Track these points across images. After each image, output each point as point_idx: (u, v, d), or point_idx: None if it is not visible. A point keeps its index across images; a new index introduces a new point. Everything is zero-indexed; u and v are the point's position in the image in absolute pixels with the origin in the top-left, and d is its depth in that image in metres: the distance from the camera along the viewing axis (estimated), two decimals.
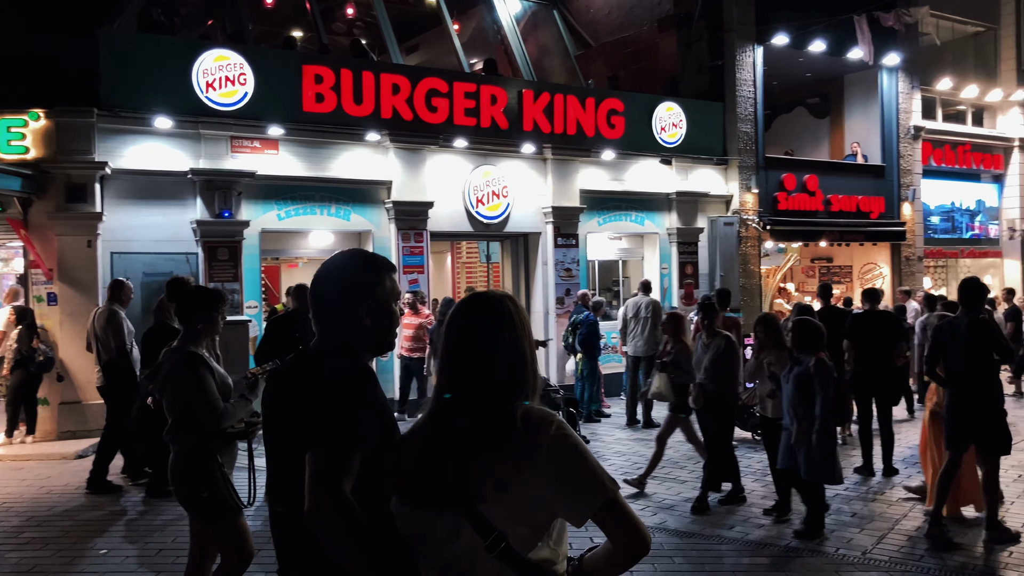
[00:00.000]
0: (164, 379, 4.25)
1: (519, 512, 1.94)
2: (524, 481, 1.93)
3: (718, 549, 6.16)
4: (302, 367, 2.33)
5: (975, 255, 19.87)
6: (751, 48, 15.38)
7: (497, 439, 1.96)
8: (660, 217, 14.78)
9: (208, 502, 4.11)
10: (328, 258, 2.43)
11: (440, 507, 1.96)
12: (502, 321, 2.05)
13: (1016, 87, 19.37)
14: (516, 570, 1.92)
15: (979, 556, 5.97)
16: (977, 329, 6.20)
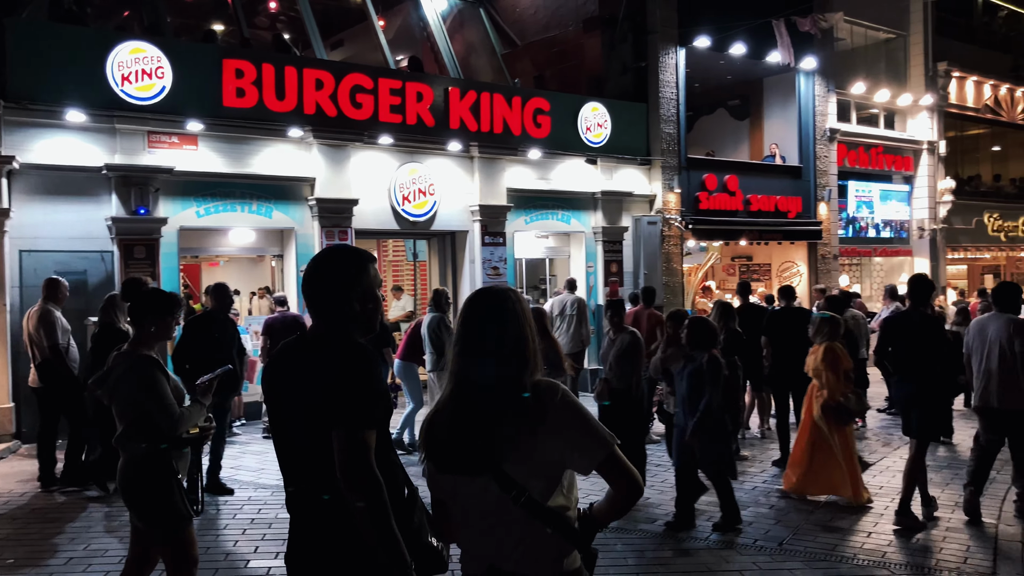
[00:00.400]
0: (116, 384, 4.09)
1: (536, 468, 2.31)
2: (539, 441, 2.29)
3: (640, 543, 6.25)
4: (307, 353, 2.59)
5: (887, 254, 20.61)
6: (674, 50, 15.65)
7: (514, 408, 2.30)
8: (586, 216, 14.92)
9: (161, 511, 4.02)
10: (316, 254, 2.76)
11: (472, 471, 2.31)
12: (505, 308, 2.41)
13: (925, 92, 20.14)
14: (538, 517, 2.29)
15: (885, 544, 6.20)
16: (927, 323, 6.69)
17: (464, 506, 2.40)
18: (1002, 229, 22.60)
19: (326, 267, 2.66)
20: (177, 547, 4.10)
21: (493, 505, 2.31)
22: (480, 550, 2.42)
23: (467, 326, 2.43)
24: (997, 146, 24.30)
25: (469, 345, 2.41)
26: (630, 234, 15.19)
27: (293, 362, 2.61)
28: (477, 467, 2.31)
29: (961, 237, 21.51)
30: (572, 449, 2.33)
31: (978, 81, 21.44)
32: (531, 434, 2.29)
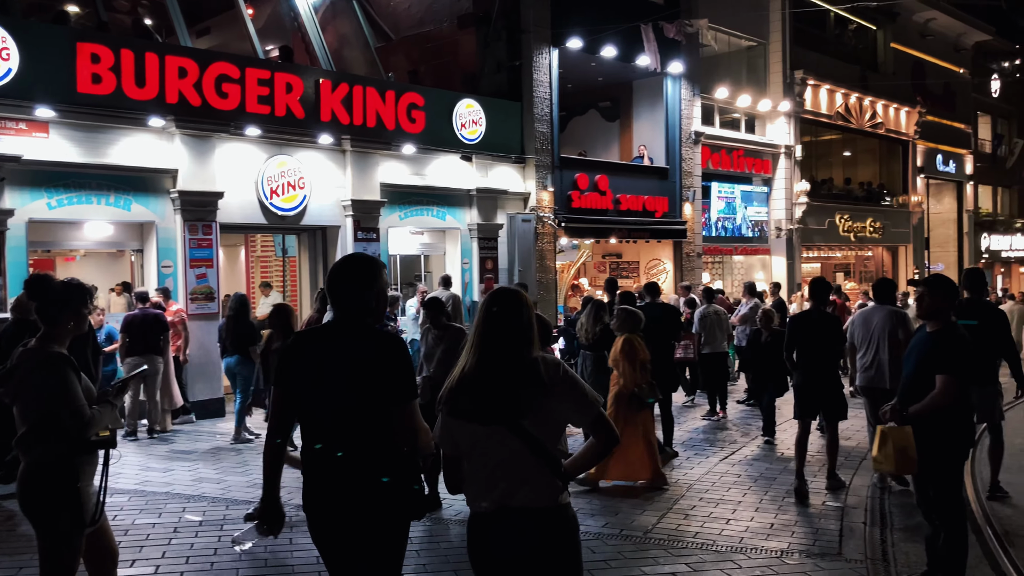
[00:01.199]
0: (21, 382, 3.82)
1: (546, 424, 2.96)
2: (549, 403, 2.94)
3: None
4: (340, 339, 3.25)
5: (747, 252, 21.59)
6: (547, 50, 15.87)
7: (530, 378, 2.93)
8: (461, 213, 14.95)
9: (59, 520, 3.79)
10: (339, 260, 3.46)
11: (495, 422, 2.91)
12: (520, 303, 3.07)
13: (783, 98, 21.20)
14: (547, 462, 2.93)
15: (742, 530, 6.50)
16: (826, 320, 7.66)
17: (482, 455, 2.99)
18: (852, 230, 24.06)
19: (350, 270, 3.35)
20: (62, 557, 3.86)
21: (508, 453, 2.92)
22: (491, 492, 2.97)
23: (491, 314, 3.06)
24: (848, 151, 25.89)
25: (494, 328, 3.03)
26: (505, 231, 15.33)
27: (327, 346, 3.26)
28: (499, 418, 2.92)
29: (815, 237, 22.77)
30: (574, 411, 3.02)
31: (831, 89, 22.73)
32: (545, 399, 2.93)
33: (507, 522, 2.95)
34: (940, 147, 28.08)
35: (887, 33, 25.83)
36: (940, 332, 5.04)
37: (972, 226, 30.29)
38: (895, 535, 6.36)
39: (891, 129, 25.37)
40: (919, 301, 5.23)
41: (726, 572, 5.52)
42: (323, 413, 3.21)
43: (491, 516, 2.99)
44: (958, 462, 5.12)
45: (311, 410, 3.25)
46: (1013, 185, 34.63)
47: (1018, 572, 5.50)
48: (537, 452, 2.91)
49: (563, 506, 3.00)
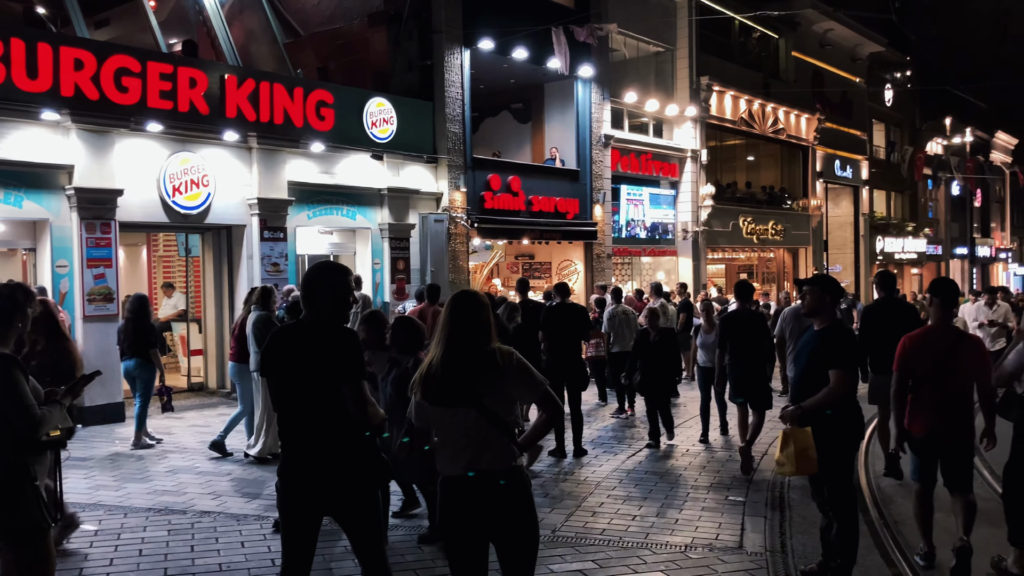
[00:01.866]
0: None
1: (502, 402, 3.57)
2: (504, 385, 3.55)
3: (399, 546, 6.26)
4: (310, 333, 3.86)
5: (655, 253, 22.03)
6: (459, 50, 15.86)
7: (488, 366, 3.53)
8: (372, 212, 14.80)
9: (18, 521, 3.78)
10: (313, 267, 4.03)
11: (461, 404, 3.51)
12: (479, 304, 3.65)
13: (689, 103, 21.70)
14: (503, 431, 3.53)
15: (648, 526, 6.62)
16: (754, 319, 8.79)
17: (450, 429, 3.58)
18: (755, 232, 24.81)
19: (322, 276, 3.93)
20: (33, 561, 3.85)
21: (473, 426, 3.51)
22: (461, 457, 3.55)
23: (457, 313, 3.61)
24: (751, 156, 26.68)
25: (457, 325, 3.59)
26: (417, 231, 15.24)
27: (302, 339, 3.86)
28: (464, 402, 3.51)
29: (720, 239, 23.39)
30: (525, 390, 3.65)
31: (735, 96, 23.38)
32: (501, 381, 3.54)
33: (475, 482, 3.54)
34: (838, 153, 29.23)
35: (788, 42, 26.74)
36: (828, 329, 5.26)
37: (868, 229, 31.64)
38: (793, 527, 6.58)
39: (792, 135, 26.27)
40: (803, 299, 5.45)
41: (631, 567, 5.62)
42: (304, 394, 3.81)
43: (460, 478, 3.57)
44: (850, 455, 5.34)
45: (295, 393, 3.83)
46: (905, 190, 36.33)
47: (906, 560, 5.77)
48: (496, 424, 3.52)
49: (518, 467, 3.61)
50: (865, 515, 6.75)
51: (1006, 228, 48.19)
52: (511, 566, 3.59)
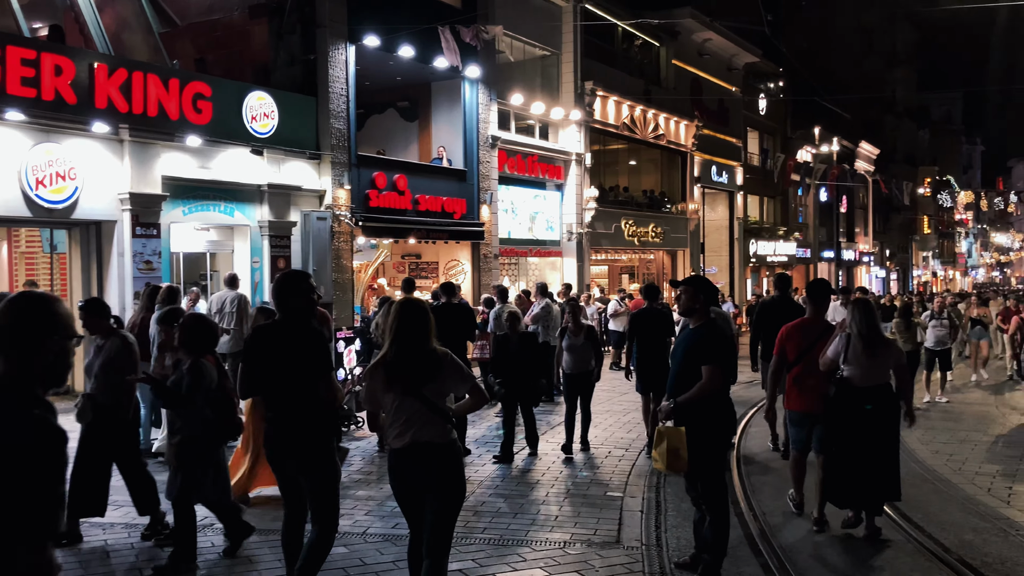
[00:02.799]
0: None
1: (440, 391, 4.38)
2: (442, 378, 4.37)
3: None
4: (286, 331, 4.66)
5: (541, 254, 22.30)
6: (344, 46, 15.62)
7: (430, 362, 4.34)
8: (251, 209, 14.40)
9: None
10: (281, 274, 4.84)
11: (408, 393, 4.31)
12: (424, 310, 4.43)
13: (574, 107, 22.07)
14: (440, 415, 4.35)
15: (528, 523, 6.70)
16: (659, 316, 9.50)
17: (399, 412, 4.37)
18: (636, 234, 25.46)
19: (289, 281, 4.71)
20: None
21: (416, 410, 4.33)
22: (406, 434, 4.35)
23: (404, 319, 4.37)
24: (633, 160, 27.37)
25: (406, 328, 4.35)
26: (299, 229, 14.92)
27: (279, 336, 4.68)
28: (410, 391, 4.31)
29: (603, 241, 23.89)
30: (457, 383, 4.49)
31: (618, 101, 23.93)
32: (439, 374, 4.36)
33: (417, 452, 4.36)
34: (715, 159, 30.34)
35: (669, 51, 27.57)
36: (702, 327, 5.46)
37: (742, 232, 32.96)
38: (669, 520, 6.79)
39: (672, 141, 27.10)
40: (678, 300, 5.67)
41: (511, 565, 5.68)
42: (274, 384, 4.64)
43: (406, 449, 4.37)
44: (722, 451, 5.55)
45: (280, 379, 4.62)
46: (777, 196, 38.03)
47: (772, 552, 6.04)
48: (434, 410, 4.35)
49: (452, 440, 4.46)
50: (736, 507, 7.03)
51: (869, 233, 51.10)
52: (440, 516, 4.35)
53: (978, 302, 18.96)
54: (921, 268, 65.40)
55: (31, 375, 2.25)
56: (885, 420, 6.30)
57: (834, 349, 6.40)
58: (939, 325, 13.41)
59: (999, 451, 9.67)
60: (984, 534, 6.52)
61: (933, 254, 68.33)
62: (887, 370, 6.43)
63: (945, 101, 77.67)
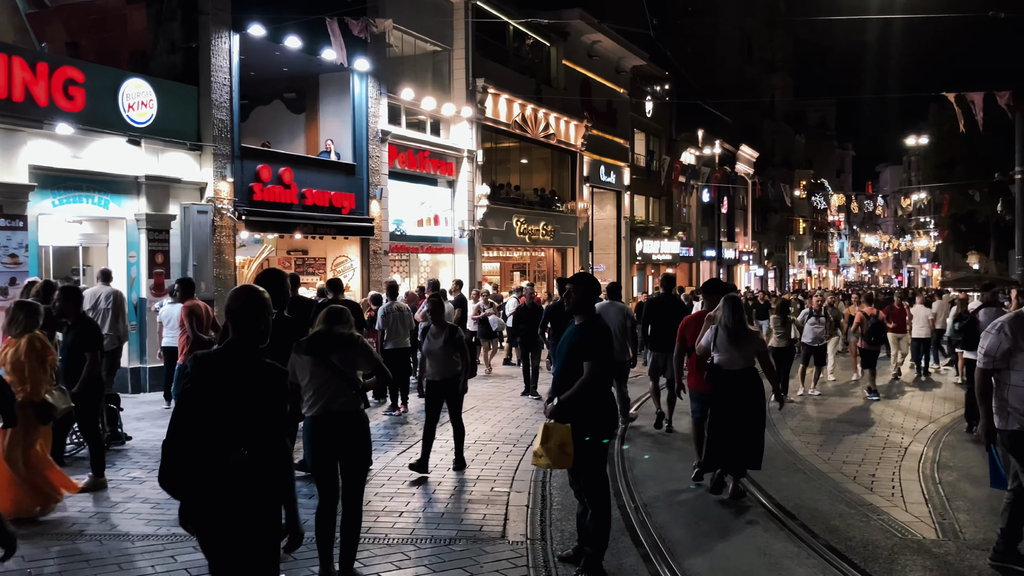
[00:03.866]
0: None
1: (351, 365, 5.38)
2: (353, 355, 5.42)
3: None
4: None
5: (433, 251, 22.22)
6: (227, 34, 15.13)
7: (346, 342, 5.40)
8: (128, 201, 13.78)
9: None
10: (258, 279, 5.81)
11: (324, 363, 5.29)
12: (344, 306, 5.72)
13: (465, 104, 22.08)
14: (349, 384, 5.34)
15: (414, 522, 6.67)
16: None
17: (313, 378, 5.28)
18: (527, 232, 25.69)
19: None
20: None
21: (329, 376, 5.27)
22: (320, 402, 5.26)
23: (331, 311, 5.47)
24: (524, 159, 27.60)
25: (333, 318, 5.41)
26: (178, 223, 14.38)
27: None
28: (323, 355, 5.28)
29: (494, 238, 24.00)
30: (364, 362, 5.49)
31: (509, 99, 24.07)
32: (351, 352, 5.40)
33: (331, 419, 5.26)
34: (603, 159, 30.92)
35: (559, 51, 27.92)
36: (585, 324, 5.57)
37: (629, 231, 33.73)
38: (554, 515, 6.88)
39: (562, 140, 27.46)
40: (567, 298, 5.74)
41: (395, 564, 5.64)
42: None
43: (321, 416, 5.27)
44: (603, 445, 5.66)
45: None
46: (662, 196, 39.09)
47: (652, 542, 6.21)
48: (343, 379, 5.28)
49: (361, 410, 5.41)
50: (618, 499, 7.19)
51: (748, 233, 53.15)
52: (350, 478, 5.29)
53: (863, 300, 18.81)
54: (797, 267, 68.48)
55: (255, 340, 3.58)
56: (750, 399, 7.39)
57: (706, 339, 7.51)
58: (817, 323, 14.02)
59: (865, 441, 10.22)
60: (849, 519, 6.88)
61: (808, 253, 71.69)
62: (751, 357, 7.44)
63: (820, 108, 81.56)
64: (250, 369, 3.50)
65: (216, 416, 3.40)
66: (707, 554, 6.02)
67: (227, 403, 3.41)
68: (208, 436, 3.38)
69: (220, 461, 3.36)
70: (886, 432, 10.83)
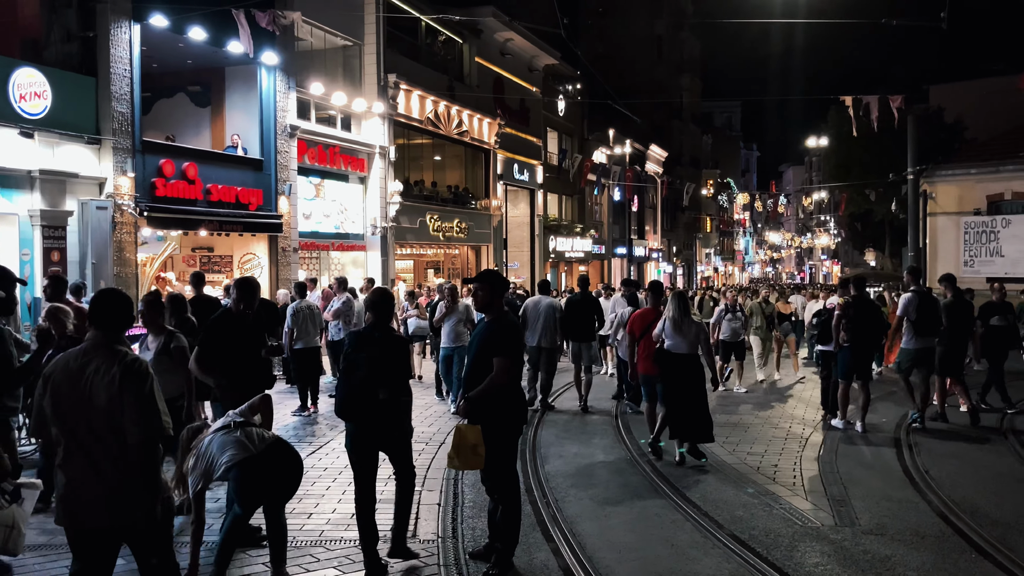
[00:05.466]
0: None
1: None
2: None
3: None
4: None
5: (344, 248, 21.92)
6: (127, 24, 14.60)
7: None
8: (20, 196, 13.16)
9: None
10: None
11: None
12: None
13: (377, 99, 21.85)
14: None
15: (324, 523, 6.57)
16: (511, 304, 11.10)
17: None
18: (441, 230, 25.61)
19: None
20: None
21: None
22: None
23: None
24: (438, 156, 27.48)
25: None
26: (76, 219, 13.81)
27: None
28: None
29: (408, 235, 23.84)
30: None
31: (422, 96, 23.94)
32: None
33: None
34: (517, 157, 31.06)
35: (472, 48, 27.91)
36: (494, 321, 5.59)
37: (542, 229, 33.98)
38: (465, 512, 6.88)
39: (475, 138, 27.47)
40: (475, 296, 5.75)
41: (303, 567, 5.54)
42: None
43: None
44: (512, 440, 5.68)
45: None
46: (574, 194, 39.51)
47: (564, 536, 6.27)
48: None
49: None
50: (529, 495, 7.25)
51: (658, 231, 54.22)
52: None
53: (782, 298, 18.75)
54: (704, 264, 70.23)
55: (388, 320, 5.67)
56: (693, 378, 8.73)
57: (659, 327, 8.91)
58: (734, 319, 14.31)
59: (768, 433, 10.55)
60: (752, 509, 7.09)
61: (715, 251, 73.61)
62: (695, 344, 8.78)
63: (726, 109, 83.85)
64: (387, 339, 5.50)
65: (368, 370, 5.34)
66: (616, 546, 6.11)
67: (375, 361, 5.36)
68: (364, 383, 5.34)
69: (372, 398, 5.35)
70: (788, 423, 11.20)
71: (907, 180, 25.70)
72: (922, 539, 6.32)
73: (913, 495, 7.59)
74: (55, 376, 3.83)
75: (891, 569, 5.71)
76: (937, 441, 10.06)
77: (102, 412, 3.71)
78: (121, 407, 3.71)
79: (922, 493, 7.64)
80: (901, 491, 7.72)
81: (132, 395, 3.72)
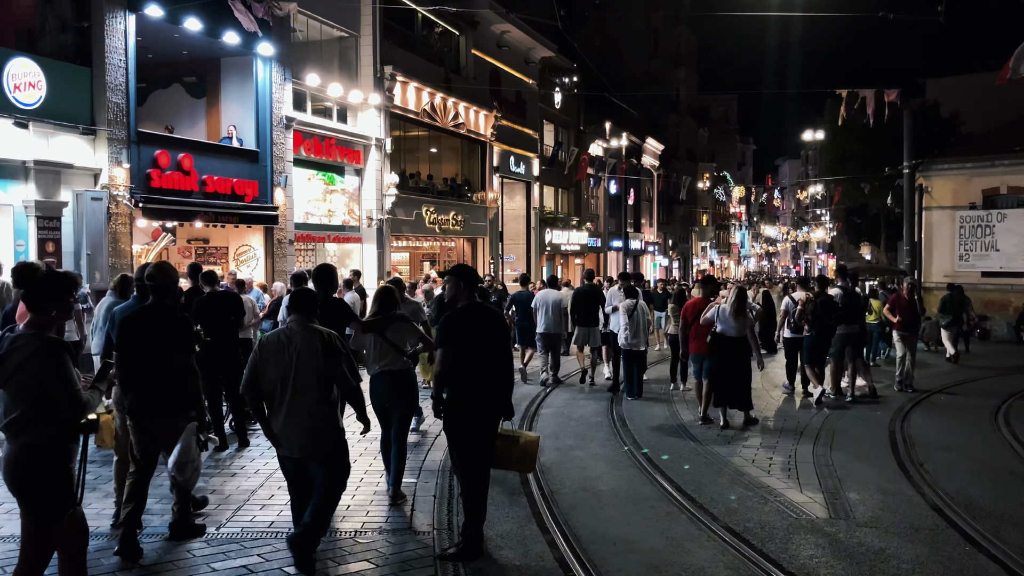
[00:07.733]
0: (19, 366, 4.03)
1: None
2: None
3: None
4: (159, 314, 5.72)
5: (340, 240, 21.89)
6: (122, 14, 14.53)
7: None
8: (15, 187, 13.12)
9: (57, 499, 4.09)
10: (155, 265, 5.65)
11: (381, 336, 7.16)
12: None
13: (373, 91, 21.78)
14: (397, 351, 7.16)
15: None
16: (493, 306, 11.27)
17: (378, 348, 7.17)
18: (437, 222, 25.57)
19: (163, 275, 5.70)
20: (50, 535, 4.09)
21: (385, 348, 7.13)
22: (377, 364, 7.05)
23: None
24: (434, 148, 27.43)
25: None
26: (71, 210, 13.77)
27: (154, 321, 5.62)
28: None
29: (404, 227, 23.80)
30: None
31: (418, 88, 23.87)
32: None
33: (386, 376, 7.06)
34: (513, 149, 31.00)
35: (469, 40, 27.82)
36: (445, 316, 5.86)
37: (538, 222, 33.94)
38: (459, 504, 6.87)
39: (471, 130, 27.40)
40: (445, 289, 5.98)
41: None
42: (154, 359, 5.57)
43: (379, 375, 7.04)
44: (465, 431, 5.70)
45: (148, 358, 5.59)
46: (570, 187, 39.46)
47: (560, 529, 6.29)
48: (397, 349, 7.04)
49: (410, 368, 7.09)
50: (525, 487, 7.26)
51: (654, 224, 54.20)
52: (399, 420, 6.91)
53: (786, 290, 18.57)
54: (700, 257, 70.26)
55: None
56: (742, 357, 10.35)
57: (711, 314, 10.36)
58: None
59: (762, 425, 10.57)
60: (747, 502, 7.11)
61: (711, 244, 73.60)
62: (744, 329, 10.32)
63: (723, 102, 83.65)
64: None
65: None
66: (611, 539, 6.13)
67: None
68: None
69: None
70: (783, 417, 11.23)
71: (903, 174, 25.72)
72: (916, 531, 6.35)
73: (907, 488, 7.63)
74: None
75: (885, 561, 5.74)
76: (931, 434, 10.10)
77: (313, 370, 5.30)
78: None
79: (916, 486, 7.68)
80: (895, 484, 7.76)
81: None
